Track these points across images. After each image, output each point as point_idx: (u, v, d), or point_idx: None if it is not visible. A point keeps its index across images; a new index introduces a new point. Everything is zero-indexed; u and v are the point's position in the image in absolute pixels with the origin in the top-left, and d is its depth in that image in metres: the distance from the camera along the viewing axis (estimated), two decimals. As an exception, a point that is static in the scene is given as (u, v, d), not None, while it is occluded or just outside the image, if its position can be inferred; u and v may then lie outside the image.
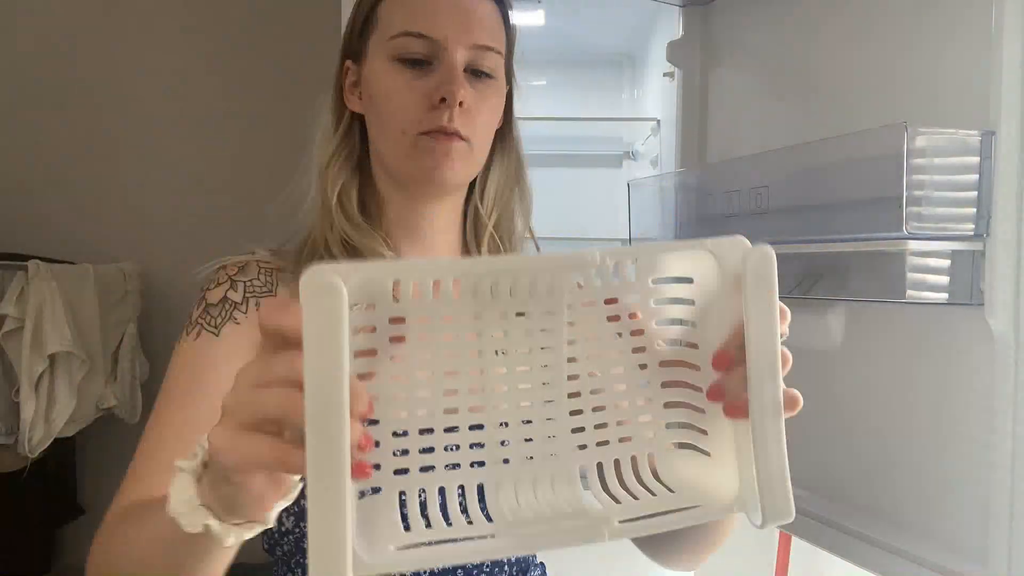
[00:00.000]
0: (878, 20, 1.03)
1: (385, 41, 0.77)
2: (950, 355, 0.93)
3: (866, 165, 0.90)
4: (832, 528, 1.09)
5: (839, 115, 1.09)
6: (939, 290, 0.88)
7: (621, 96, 2.14)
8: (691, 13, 1.42)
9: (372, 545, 0.41)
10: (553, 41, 1.99)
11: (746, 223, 1.12)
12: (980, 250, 0.85)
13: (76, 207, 2.26)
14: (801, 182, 1.04)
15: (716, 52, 1.39)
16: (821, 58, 1.13)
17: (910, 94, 0.98)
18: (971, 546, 0.89)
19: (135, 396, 2.02)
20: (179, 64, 2.25)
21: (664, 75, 1.57)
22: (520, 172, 0.87)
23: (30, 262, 1.78)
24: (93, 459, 2.26)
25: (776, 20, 1.23)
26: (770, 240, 1.14)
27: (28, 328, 1.74)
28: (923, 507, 0.97)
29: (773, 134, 1.22)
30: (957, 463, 0.92)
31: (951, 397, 0.93)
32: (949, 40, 0.92)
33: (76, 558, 2.26)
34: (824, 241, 0.97)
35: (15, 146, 2.27)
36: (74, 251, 2.12)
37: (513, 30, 0.85)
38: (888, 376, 1.02)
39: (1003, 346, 0.84)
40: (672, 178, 1.38)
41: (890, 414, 1.02)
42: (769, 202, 1.08)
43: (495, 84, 0.80)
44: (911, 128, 0.82)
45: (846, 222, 0.95)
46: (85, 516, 2.22)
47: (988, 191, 0.84)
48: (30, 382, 1.74)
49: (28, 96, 2.27)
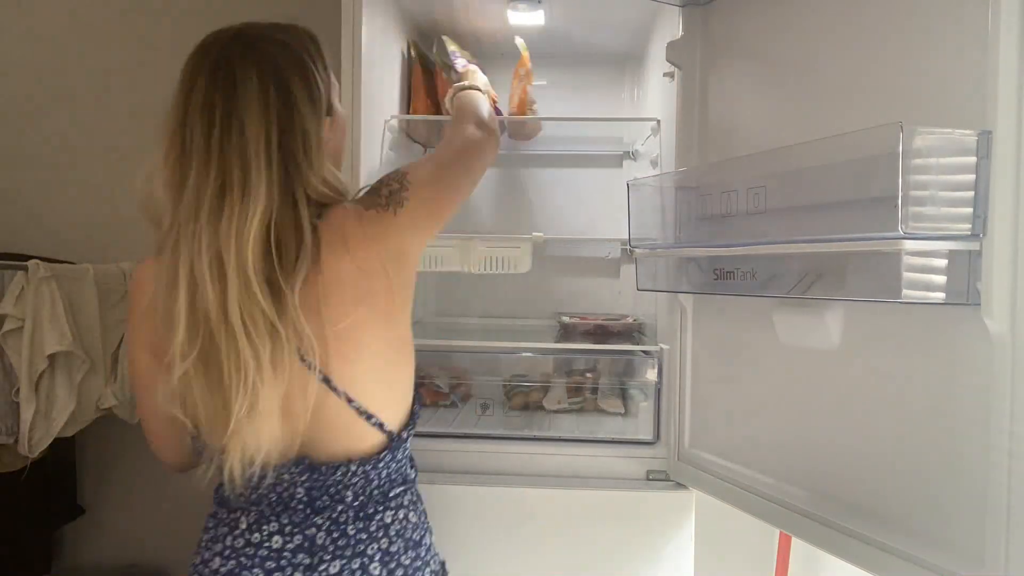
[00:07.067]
0: (876, 21, 1.03)
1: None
2: (947, 354, 0.93)
3: (863, 165, 0.90)
4: (832, 528, 1.09)
5: (838, 115, 1.09)
6: (936, 290, 0.88)
7: (621, 96, 2.14)
8: (691, 13, 1.43)
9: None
10: (553, 41, 1.99)
11: (745, 223, 1.13)
12: (977, 250, 0.86)
13: (76, 207, 2.26)
14: (799, 182, 1.04)
15: (716, 52, 1.39)
16: (820, 58, 1.13)
17: (907, 94, 0.98)
18: (968, 546, 0.89)
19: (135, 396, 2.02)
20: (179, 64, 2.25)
21: (664, 75, 1.57)
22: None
23: (30, 262, 1.78)
24: (93, 459, 2.26)
25: (775, 20, 1.23)
26: (769, 240, 1.15)
27: (28, 328, 1.74)
28: (921, 507, 0.97)
29: (772, 134, 1.22)
30: (954, 463, 0.92)
31: (948, 396, 0.93)
32: (946, 40, 0.92)
33: (76, 558, 2.27)
34: (822, 241, 0.97)
35: (15, 146, 2.27)
36: (74, 251, 2.12)
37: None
38: (886, 376, 1.02)
39: (1000, 345, 0.84)
40: (672, 178, 1.38)
41: (888, 414, 1.02)
42: (767, 202, 1.08)
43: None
44: (907, 128, 0.82)
45: (844, 222, 0.95)
46: (85, 516, 2.22)
47: (985, 191, 0.85)
48: (30, 382, 1.74)
49: (28, 96, 2.27)
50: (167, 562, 2.26)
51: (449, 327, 2.06)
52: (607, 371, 1.88)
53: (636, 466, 1.51)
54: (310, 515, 0.96)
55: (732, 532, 1.89)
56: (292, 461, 0.95)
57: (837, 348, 1.09)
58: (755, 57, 1.29)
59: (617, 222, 1.65)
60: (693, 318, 1.44)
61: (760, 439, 1.27)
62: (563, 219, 2.15)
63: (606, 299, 2.14)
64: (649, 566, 1.43)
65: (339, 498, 0.97)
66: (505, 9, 1.75)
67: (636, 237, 1.40)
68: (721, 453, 1.36)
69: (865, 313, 1.05)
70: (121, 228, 2.25)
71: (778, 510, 1.19)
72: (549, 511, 1.45)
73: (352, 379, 0.94)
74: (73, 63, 2.27)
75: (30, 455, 1.76)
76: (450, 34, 1.85)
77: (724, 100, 1.37)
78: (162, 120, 0.91)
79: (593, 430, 1.65)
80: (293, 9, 2.26)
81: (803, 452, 1.17)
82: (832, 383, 1.11)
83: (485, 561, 1.44)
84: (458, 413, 1.76)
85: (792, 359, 1.19)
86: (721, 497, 1.33)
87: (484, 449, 1.53)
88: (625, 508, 1.44)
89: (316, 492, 0.97)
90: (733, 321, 1.33)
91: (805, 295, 1.03)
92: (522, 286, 2.12)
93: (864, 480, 1.06)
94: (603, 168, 2.16)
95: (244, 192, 0.86)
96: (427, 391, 1.84)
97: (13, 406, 1.75)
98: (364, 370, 0.95)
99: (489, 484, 1.47)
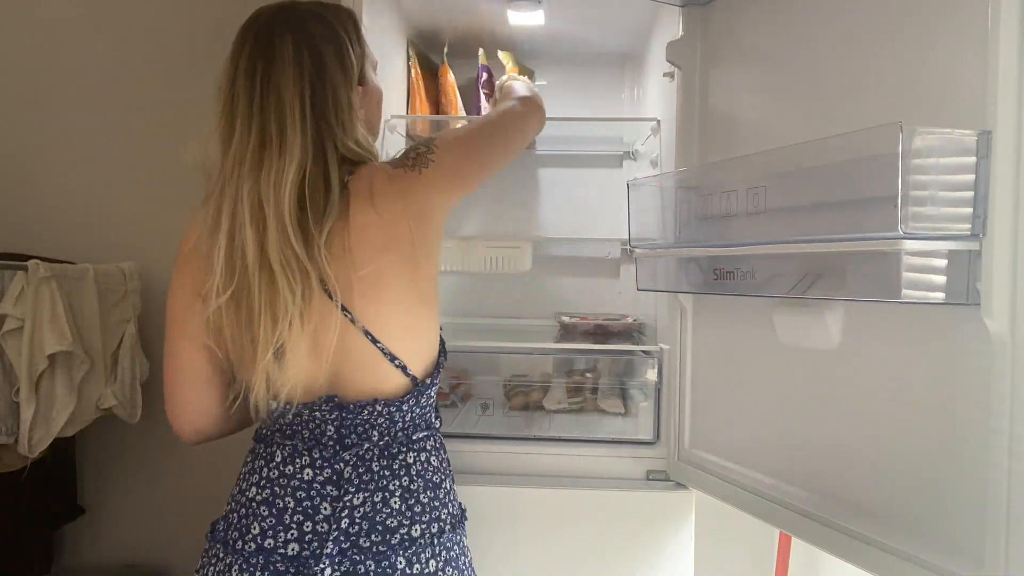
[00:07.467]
0: (876, 20, 1.03)
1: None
2: (947, 354, 0.93)
3: (863, 165, 0.90)
4: (832, 528, 1.09)
5: (837, 115, 1.09)
6: (936, 290, 0.88)
7: (621, 96, 2.14)
8: (691, 13, 1.43)
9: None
10: (553, 41, 1.99)
11: (745, 223, 1.13)
12: (976, 250, 0.86)
13: (76, 207, 2.26)
14: (799, 182, 1.04)
15: (716, 52, 1.39)
16: (820, 58, 1.13)
17: (907, 94, 0.98)
18: (968, 546, 0.89)
19: (135, 396, 2.02)
20: (179, 64, 2.25)
21: (664, 75, 1.58)
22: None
23: (30, 262, 1.78)
24: (93, 459, 2.26)
25: (775, 20, 1.23)
26: (768, 240, 1.15)
27: (28, 328, 1.74)
28: (921, 507, 0.97)
29: (772, 134, 1.22)
30: (954, 463, 0.92)
31: (948, 396, 0.93)
32: (946, 40, 0.92)
33: (76, 558, 2.27)
34: (822, 241, 0.97)
35: (15, 146, 2.27)
36: (74, 251, 2.13)
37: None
38: (885, 376, 1.02)
39: (999, 345, 0.84)
40: (672, 178, 1.38)
41: (887, 414, 1.02)
42: (767, 202, 1.08)
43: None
44: (907, 128, 0.82)
45: (844, 222, 0.95)
46: (85, 516, 2.22)
47: (984, 191, 0.85)
48: (30, 382, 1.74)
49: (28, 96, 2.27)
50: (167, 562, 2.26)
51: (449, 327, 2.06)
52: (607, 371, 1.88)
53: (636, 466, 1.51)
54: (339, 451, 1.03)
55: (732, 532, 1.90)
56: (323, 399, 1.02)
57: (837, 348, 1.09)
58: (755, 57, 1.29)
59: (617, 222, 1.65)
60: (693, 318, 1.44)
61: (760, 439, 1.27)
62: (563, 219, 2.15)
63: (606, 299, 2.14)
64: (649, 566, 1.43)
65: (366, 437, 1.04)
66: (505, 9, 1.75)
67: (636, 237, 1.40)
68: (721, 453, 1.36)
69: (865, 313, 1.05)
70: (121, 228, 2.25)
71: (778, 510, 1.19)
72: (549, 511, 1.45)
73: (375, 320, 1.01)
74: (74, 63, 2.27)
75: (30, 455, 1.76)
76: (452, 35, 1.86)
77: (724, 100, 1.37)
78: (216, 85, 1.04)
79: (593, 430, 1.65)
80: (293, 9, 2.26)
81: (803, 452, 1.17)
82: (832, 383, 1.11)
83: (485, 561, 1.44)
84: (458, 413, 1.76)
85: (792, 359, 1.19)
86: (721, 497, 1.33)
87: (484, 449, 1.53)
88: (625, 508, 1.44)
89: (345, 431, 1.04)
90: (733, 321, 1.33)
91: (805, 295, 1.03)
92: (522, 286, 2.12)
93: (864, 480, 1.06)
94: (603, 168, 2.16)
95: (281, 148, 0.97)
96: (427, 391, 1.84)
97: (13, 406, 1.75)
98: (388, 313, 1.01)
99: (489, 484, 1.47)
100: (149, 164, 2.26)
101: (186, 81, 2.27)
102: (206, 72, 2.41)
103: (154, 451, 2.23)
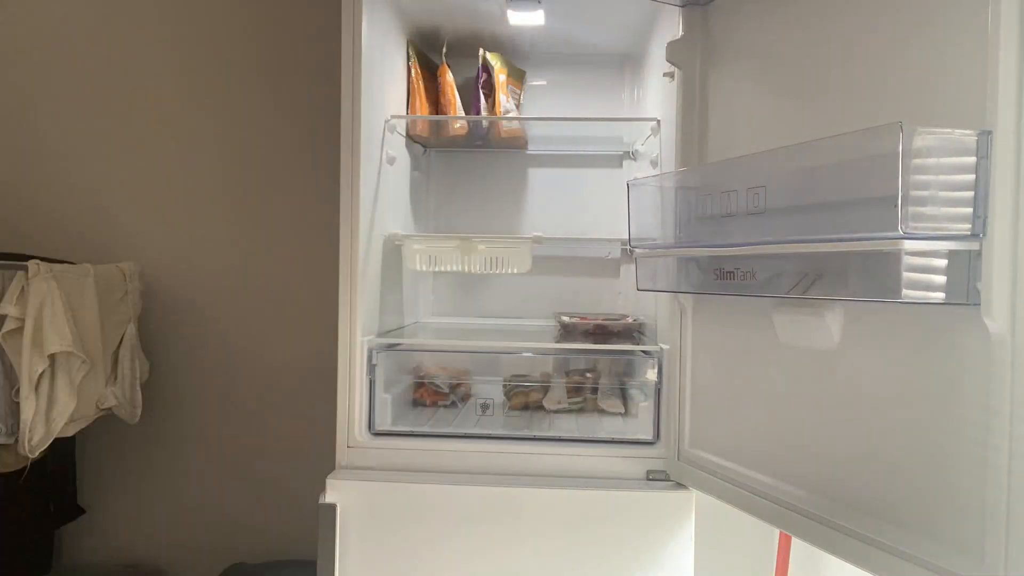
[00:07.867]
0: (876, 21, 1.03)
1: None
2: (947, 354, 0.93)
3: (863, 165, 0.90)
4: (832, 528, 1.09)
5: (837, 115, 1.09)
6: (936, 290, 0.88)
7: (621, 96, 2.14)
8: (691, 13, 1.43)
9: None
10: (553, 41, 2.00)
11: (745, 223, 1.13)
12: (976, 250, 0.86)
13: (76, 207, 2.26)
14: (799, 182, 1.04)
15: (716, 52, 1.39)
16: (820, 58, 1.13)
17: (908, 94, 0.98)
18: (968, 545, 0.89)
19: (135, 396, 2.02)
20: (179, 65, 2.26)
21: (664, 75, 1.57)
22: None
23: (30, 262, 1.78)
24: (93, 459, 2.27)
25: (775, 20, 1.23)
26: (768, 240, 1.15)
27: (28, 328, 1.74)
28: (921, 507, 0.97)
29: (772, 134, 1.22)
30: (954, 463, 0.92)
31: (948, 396, 0.93)
32: (946, 41, 0.92)
33: (76, 558, 2.27)
34: (822, 241, 0.97)
35: (15, 146, 2.27)
36: (74, 251, 2.13)
37: None
38: (885, 376, 1.02)
39: (1000, 345, 0.84)
40: (672, 178, 1.38)
41: (887, 414, 1.02)
42: (767, 202, 1.08)
43: None
44: (907, 128, 0.83)
45: (844, 222, 0.95)
46: (85, 516, 2.22)
47: (984, 191, 0.85)
48: (30, 382, 1.74)
49: (28, 96, 2.27)
50: (167, 562, 2.26)
51: (449, 327, 2.06)
52: (607, 371, 1.88)
53: (636, 466, 1.51)
54: None
55: (732, 532, 1.90)
56: None
57: (837, 348, 1.09)
58: (755, 57, 1.29)
59: (617, 222, 1.65)
60: (693, 318, 1.44)
61: (760, 439, 1.27)
62: (563, 219, 2.15)
63: (606, 299, 2.15)
64: (649, 566, 1.43)
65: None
66: (505, 9, 1.75)
67: (636, 237, 1.40)
68: (721, 453, 1.36)
69: (865, 313, 1.05)
70: (121, 228, 2.25)
71: (778, 510, 1.19)
72: (549, 511, 1.45)
73: None
74: (74, 63, 2.27)
75: (30, 455, 1.76)
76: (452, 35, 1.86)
77: (724, 100, 1.37)
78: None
79: (593, 430, 1.65)
80: (294, 9, 2.27)
81: (803, 452, 1.17)
82: (832, 383, 1.11)
83: (486, 561, 1.44)
84: (458, 413, 1.76)
85: (792, 359, 1.19)
86: (721, 497, 1.33)
87: (484, 449, 1.53)
88: (625, 508, 1.44)
89: None
90: (733, 321, 1.34)
91: (805, 295, 1.03)
92: (522, 286, 2.12)
93: (864, 480, 1.06)
94: (603, 168, 2.16)
95: None
96: (427, 391, 1.84)
97: (13, 406, 1.75)
98: None
99: (489, 484, 1.47)
100: (149, 164, 2.26)
101: (186, 81, 2.27)
102: (206, 72, 2.41)
103: (154, 451, 2.24)
